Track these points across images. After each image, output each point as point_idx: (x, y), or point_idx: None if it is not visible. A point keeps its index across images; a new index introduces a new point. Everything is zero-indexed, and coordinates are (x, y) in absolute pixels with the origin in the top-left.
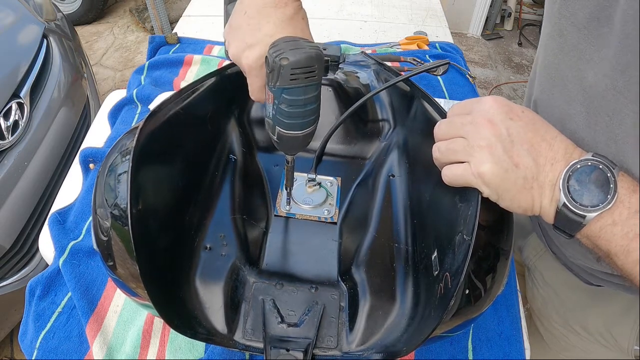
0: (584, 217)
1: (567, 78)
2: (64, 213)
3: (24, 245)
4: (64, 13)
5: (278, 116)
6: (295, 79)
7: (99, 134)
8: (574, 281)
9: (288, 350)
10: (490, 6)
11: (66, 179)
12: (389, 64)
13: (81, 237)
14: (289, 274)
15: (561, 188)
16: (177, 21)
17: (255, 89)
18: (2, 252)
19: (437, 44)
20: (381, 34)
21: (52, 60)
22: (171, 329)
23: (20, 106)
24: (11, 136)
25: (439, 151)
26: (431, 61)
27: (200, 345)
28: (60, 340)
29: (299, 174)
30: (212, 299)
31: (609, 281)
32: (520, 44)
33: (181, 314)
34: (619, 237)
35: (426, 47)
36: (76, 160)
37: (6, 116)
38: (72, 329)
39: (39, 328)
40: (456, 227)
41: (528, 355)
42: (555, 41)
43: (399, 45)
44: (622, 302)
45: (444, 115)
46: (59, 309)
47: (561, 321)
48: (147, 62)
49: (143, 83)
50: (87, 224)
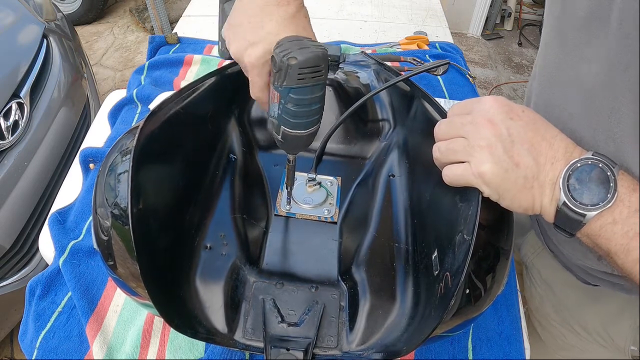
0: (584, 215)
1: (567, 77)
2: (64, 213)
3: (24, 245)
4: (64, 13)
5: (284, 115)
6: (302, 79)
7: (99, 133)
8: (572, 280)
9: (288, 350)
10: (490, 6)
11: (66, 179)
12: (389, 63)
13: (81, 236)
14: (289, 273)
15: (561, 187)
16: (177, 21)
17: (257, 88)
18: (2, 252)
19: (437, 44)
20: (381, 34)
21: (52, 60)
22: (171, 329)
23: (20, 106)
24: (11, 136)
25: (439, 151)
26: (431, 61)
27: (200, 345)
28: (60, 340)
29: (299, 173)
30: (212, 298)
31: (606, 280)
32: (520, 44)
33: (181, 313)
34: (619, 235)
35: (426, 47)
36: (76, 160)
37: (6, 116)
38: (72, 328)
39: (39, 328)
40: (456, 226)
41: (528, 355)
42: (556, 40)
43: (399, 45)
44: (619, 302)
45: (444, 115)
46: (59, 309)
47: (559, 319)
48: (147, 62)
49: (143, 83)
50: (87, 223)
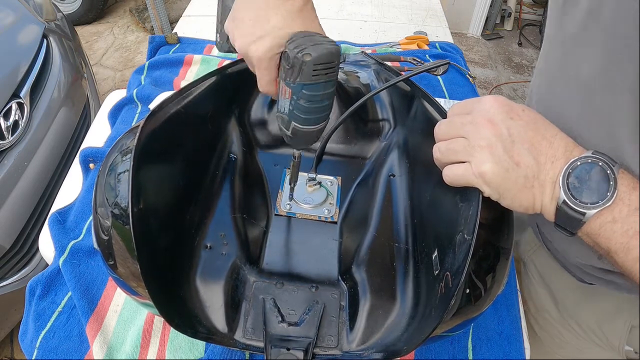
0: (583, 214)
1: (568, 76)
2: (64, 213)
3: (24, 245)
4: (64, 13)
5: (295, 112)
6: (316, 75)
7: (99, 133)
8: (568, 277)
9: (288, 350)
10: (490, 6)
11: (66, 178)
12: (389, 63)
13: (81, 236)
14: (289, 273)
15: (561, 185)
16: (177, 21)
17: (264, 82)
18: (2, 252)
19: (437, 44)
20: (381, 33)
21: (52, 60)
22: (171, 328)
23: (20, 106)
24: (11, 136)
25: (439, 151)
26: (431, 61)
27: (200, 345)
28: (60, 340)
29: (299, 173)
30: (212, 298)
31: (601, 278)
32: (520, 44)
33: (181, 313)
34: (618, 234)
35: (426, 47)
36: (76, 160)
37: (6, 116)
38: (72, 328)
39: (39, 328)
40: (457, 226)
41: (528, 355)
42: (558, 37)
43: (399, 45)
44: (614, 300)
45: (444, 115)
46: (59, 309)
47: (556, 316)
48: (147, 62)
49: (143, 83)
50: (87, 223)
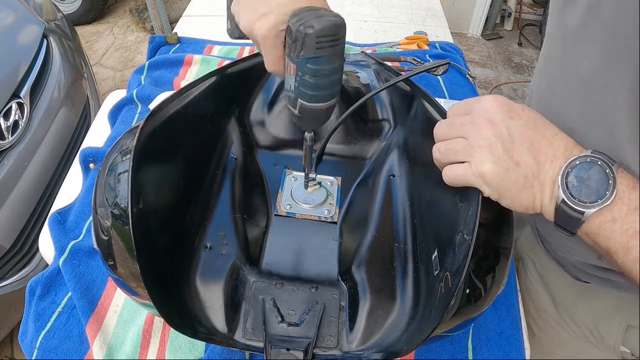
0: (582, 213)
1: (568, 72)
2: (64, 213)
3: (24, 245)
4: (64, 13)
5: (301, 88)
6: (320, 48)
7: (99, 133)
8: (566, 275)
9: (288, 350)
10: (490, 6)
11: (66, 179)
12: (389, 63)
13: (81, 236)
14: (289, 273)
15: (560, 184)
16: (177, 21)
17: (270, 60)
18: (2, 252)
19: (437, 44)
20: (381, 33)
21: (52, 60)
22: (171, 329)
23: (20, 106)
24: (11, 136)
25: (439, 152)
26: (431, 61)
27: (200, 345)
28: (60, 340)
29: (298, 173)
30: (212, 298)
31: (597, 277)
32: (520, 44)
33: (181, 313)
34: (618, 234)
35: (426, 47)
36: (76, 160)
37: (6, 116)
38: (72, 328)
39: (39, 328)
40: (456, 226)
41: (528, 355)
42: (558, 34)
43: (399, 45)
44: (611, 299)
45: (444, 114)
46: (59, 309)
47: (554, 315)
48: (147, 62)
49: (143, 83)
50: (87, 223)
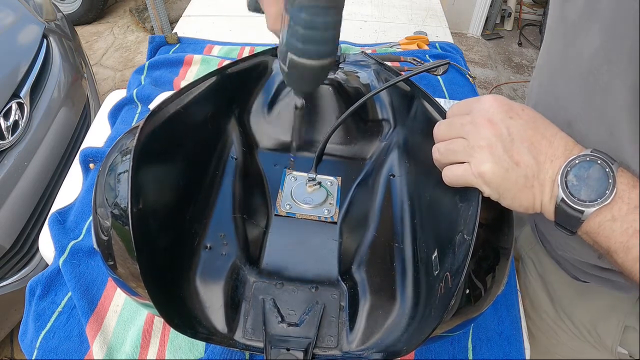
0: (582, 212)
1: (568, 73)
2: (64, 213)
3: (24, 245)
4: (64, 13)
5: (292, 40)
6: None
7: (99, 133)
8: (564, 274)
9: (288, 350)
10: (490, 6)
11: (66, 179)
12: (389, 63)
13: (81, 236)
14: (289, 273)
15: (559, 183)
16: (177, 21)
17: (271, 16)
18: (2, 252)
19: (437, 44)
20: (381, 33)
21: (52, 60)
22: (171, 329)
23: (20, 106)
24: (11, 136)
25: (438, 152)
26: (431, 61)
27: (200, 345)
28: (60, 340)
29: (298, 173)
30: (212, 298)
31: (595, 276)
32: (520, 44)
33: (181, 313)
34: (618, 233)
35: (426, 47)
36: (76, 160)
37: (6, 116)
38: (72, 328)
39: (39, 328)
40: (456, 226)
41: (528, 355)
42: (560, 29)
43: (399, 45)
44: (609, 299)
45: (444, 115)
46: (59, 309)
47: (553, 314)
48: (147, 62)
49: (143, 83)
50: (87, 223)
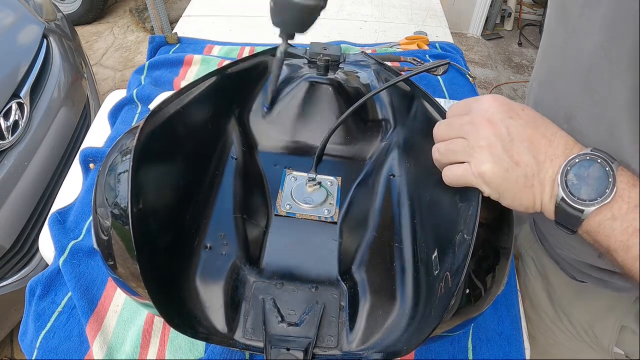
0: (582, 211)
1: (568, 71)
2: (64, 213)
3: (24, 245)
4: (64, 13)
5: None
6: None
7: (99, 133)
8: (563, 273)
9: (288, 350)
10: (490, 6)
11: (66, 178)
12: (389, 63)
13: (81, 236)
14: (289, 273)
15: (559, 182)
16: (177, 21)
17: None
18: (2, 252)
19: (437, 44)
20: (381, 34)
21: (52, 60)
22: (171, 329)
23: (20, 106)
24: (11, 136)
25: (438, 152)
26: (431, 61)
27: (200, 345)
28: (60, 340)
29: (298, 173)
30: (212, 298)
31: (592, 276)
32: (520, 44)
33: (181, 313)
34: (618, 232)
35: (426, 47)
36: (76, 160)
37: (6, 116)
38: (72, 328)
39: (39, 328)
40: (456, 226)
41: (528, 355)
42: (559, 27)
43: (399, 45)
44: (606, 299)
45: (444, 115)
46: (59, 309)
47: (551, 314)
48: (147, 62)
49: (143, 83)
50: (87, 223)
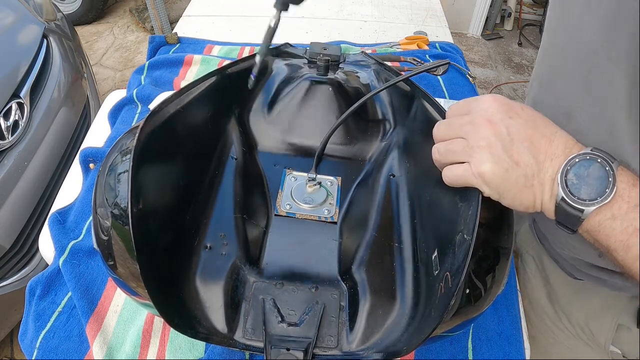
0: (582, 211)
1: (567, 69)
2: (64, 213)
3: (24, 245)
4: (64, 13)
5: None
6: None
7: (99, 133)
8: (561, 272)
9: (288, 350)
10: (490, 6)
11: (66, 179)
12: (389, 63)
13: (81, 236)
14: (289, 273)
15: (559, 182)
16: (177, 21)
17: None
18: (2, 252)
19: (437, 44)
20: (381, 34)
21: (52, 60)
22: (171, 329)
23: (20, 106)
24: (11, 136)
25: (438, 152)
26: (431, 61)
27: (200, 345)
28: (60, 340)
29: (298, 173)
30: (212, 298)
31: (590, 275)
32: (520, 44)
33: (181, 313)
34: (618, 231)
35: (426, 47)
36: (76, 160)
37: (6, 116)
38: (72, 328)
39: (39, 328)
40: (456, 226)
41: (528, 355)
42: (559, 26)
43: (399, 45)
44: (603, 298)
45: (444, 114)
46: (59, 309)
47: (551, 313)
48: (147, 62)
49: (143, 83)
50: (87, 223)
